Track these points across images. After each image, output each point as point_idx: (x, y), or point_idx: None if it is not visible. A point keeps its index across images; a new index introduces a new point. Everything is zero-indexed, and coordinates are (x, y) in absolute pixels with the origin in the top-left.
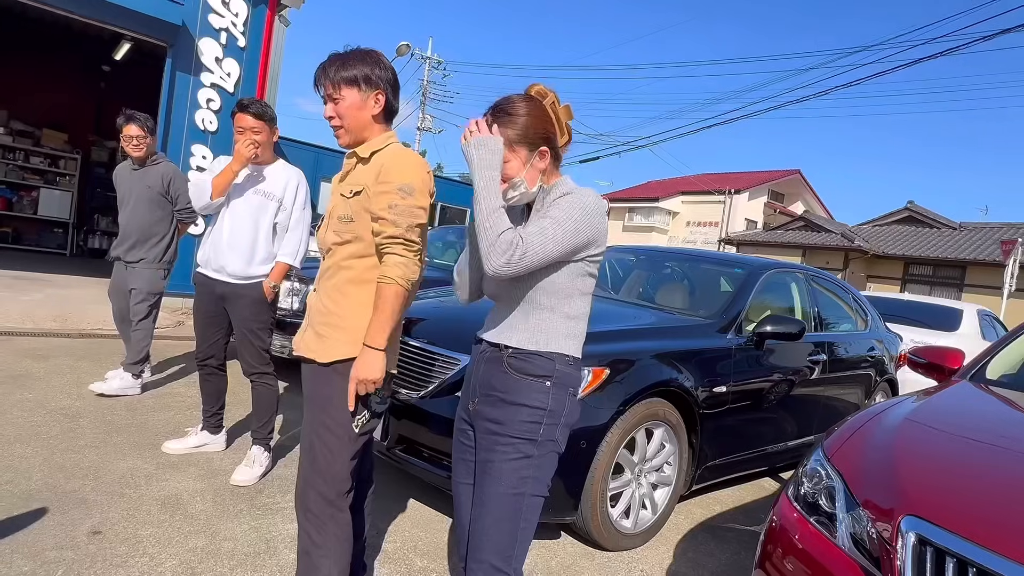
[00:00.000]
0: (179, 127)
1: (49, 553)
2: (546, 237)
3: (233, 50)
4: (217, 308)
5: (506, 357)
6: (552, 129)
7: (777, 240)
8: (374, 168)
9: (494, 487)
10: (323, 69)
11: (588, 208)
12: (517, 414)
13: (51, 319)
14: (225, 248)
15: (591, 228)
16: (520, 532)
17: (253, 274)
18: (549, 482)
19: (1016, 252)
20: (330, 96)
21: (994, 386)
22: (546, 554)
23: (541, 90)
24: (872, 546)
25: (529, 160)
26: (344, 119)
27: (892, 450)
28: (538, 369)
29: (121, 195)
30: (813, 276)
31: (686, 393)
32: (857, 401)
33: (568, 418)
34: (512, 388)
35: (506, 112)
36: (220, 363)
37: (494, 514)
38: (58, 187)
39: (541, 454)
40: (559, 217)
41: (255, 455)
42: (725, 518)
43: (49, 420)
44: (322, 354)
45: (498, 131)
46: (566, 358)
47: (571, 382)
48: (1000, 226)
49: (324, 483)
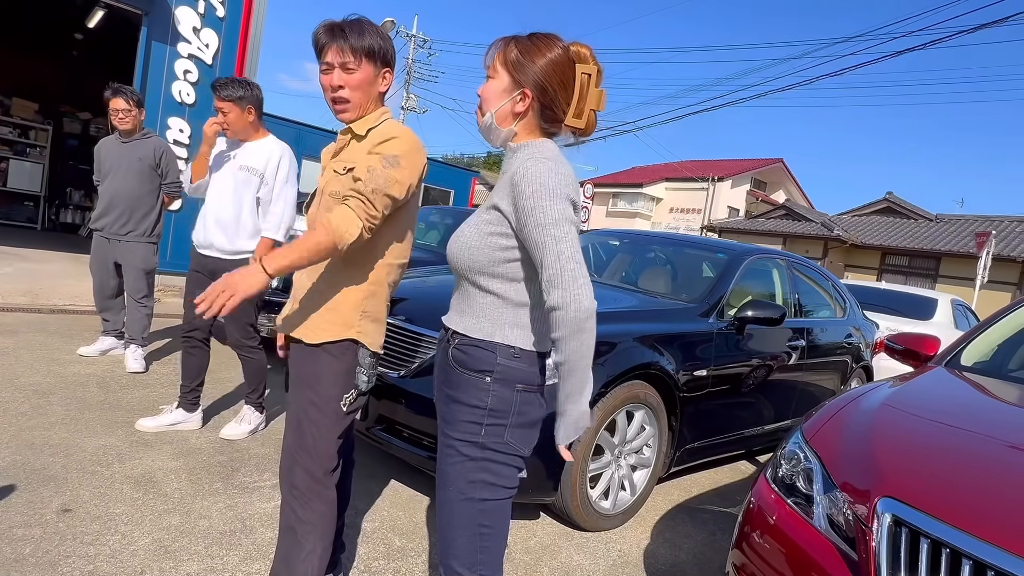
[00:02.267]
0: (155, 99)
1: (17, 531)
2: (563, 259)
3: (212, 20)
4: (208, 281)
5: (451, 348)
6: (559, 90)
7: (758, 228)
8: (369, 143)
9: (443, 491)
10: (338, 33)
11: (556, 190)
12: (459, 413)
13: (20, 294)
14: (212, 224)
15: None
16: (481, 539)
17: (239, 249)
18: (510, 485)
19: (989, 244)
20: (344, 65)
21: (968, 372)
22: (525, 534)
23: (581, 52)
24: (848, 527)
25: (511, 95)
26: (354, 93)
27: (869, 434)
28: (477, 363)
29: (106, 167)
30: (794, 263)
31: (667, 376)
32: (833, 387)
33: (521, 418)
34: (454, 383)
35: (532, 40)
36: (204, 337)
37: (448, 519)
38: (28, 159)
39: (486, 457)
40: (557, 236)
41: (246, 414)
42: (702, 500)
43: (18, 396)
44: (310, 335)
45: (513, 47)
46: (511, 350)
47: (518, 377)
48: (975, 218)
49: (311, 460)
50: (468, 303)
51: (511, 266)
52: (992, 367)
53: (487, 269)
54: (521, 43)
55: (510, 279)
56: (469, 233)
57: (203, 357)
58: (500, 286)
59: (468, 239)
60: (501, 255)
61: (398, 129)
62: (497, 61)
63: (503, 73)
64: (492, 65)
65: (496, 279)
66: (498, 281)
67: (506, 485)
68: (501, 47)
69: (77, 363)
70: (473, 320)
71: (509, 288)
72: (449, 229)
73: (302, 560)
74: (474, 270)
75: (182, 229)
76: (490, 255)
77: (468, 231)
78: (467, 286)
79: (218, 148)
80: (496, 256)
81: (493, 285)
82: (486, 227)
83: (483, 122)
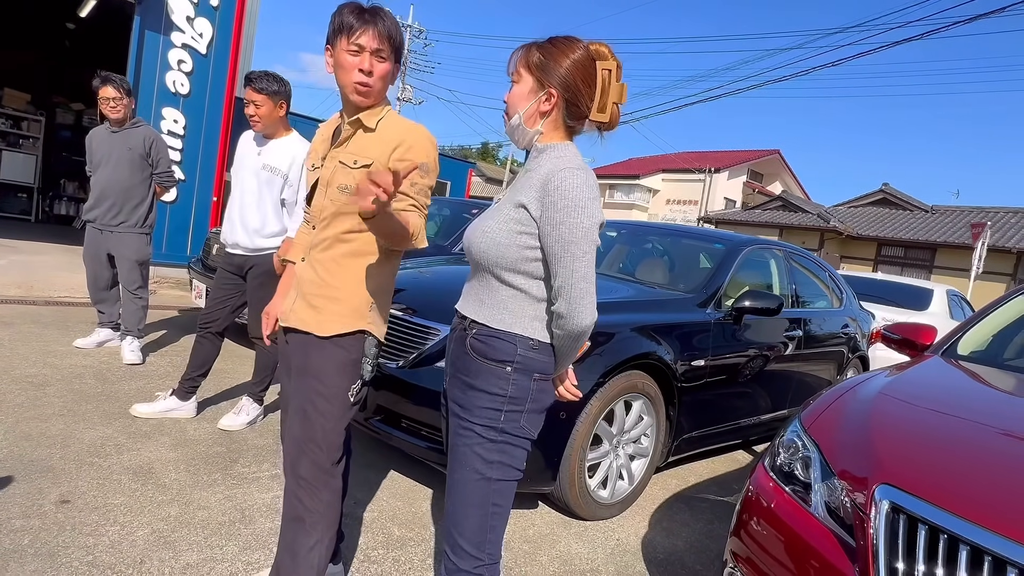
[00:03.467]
0: (148, 89)
1: (15, 522)
2: (576, 277)
3: (205, 9)
4: (235, 278)
5: (469, 337)
6: (583, 87)
7: (755, 220)
8: (387, 141)
9: (459, 471)
10: (373, 18)
11: (586, 208)
12: (478, 399)
13: (15, 286)
14: (237, 222)
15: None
16: (490, 517)
17: (263, 246)
18: (521, 466)
19: (985, 235)
20: (378, 52)
21: (965, 361)
22: (524, 523)
23: (600, 50)
24: (846, 514)
25: (536, 95)
26: (379, 81)
27: (867, 422)
28: (499, 353)
29: (97, 158)
30: (791, 253)
31: (665, 366)
32: (829, 377)
33: (535, 404)
34: (473, 372)
35: (553, 43)
36: (219, 331)
37: (461, 499)
38: (21, 150)
39: (505, 440)
40: (576, 254)
41: (244, 404)
42: (699, 489)
43: (14, 388)
44: (319, 327)
45: (535, 52)
46: (530, 341)
47: (536, 367)
48: (970, 210)
49: (319, 450)
50: (489, 294)
51: (535, 264)
52: (988, 356)
53: (514, 266)
54: (543, 47)
55: (534, 276)
56: (497, 229)
57: (213, 350)
58: (524, 282)
59: (496, 235)
60: (528, 253)
61: (418, 131)
62: (520, 67)
63: (527, 76)
64: (516, 71)
65: (520, 275)
66: (522, 277)
67: (518, 467)
68: (523, 53)
69: (73, 355)
70: (495, 312)
71: (532, 284)
72: (446, 221)
73: (309, 550)
74: (500, 266)
75: (177, 220)
76: (518, 253)
77: (495, 227)
78: (489, 278)
79: (244, 143)
80: (524, 255)
81: (517, 280)
82: (515, 226)
83: (511, 123)
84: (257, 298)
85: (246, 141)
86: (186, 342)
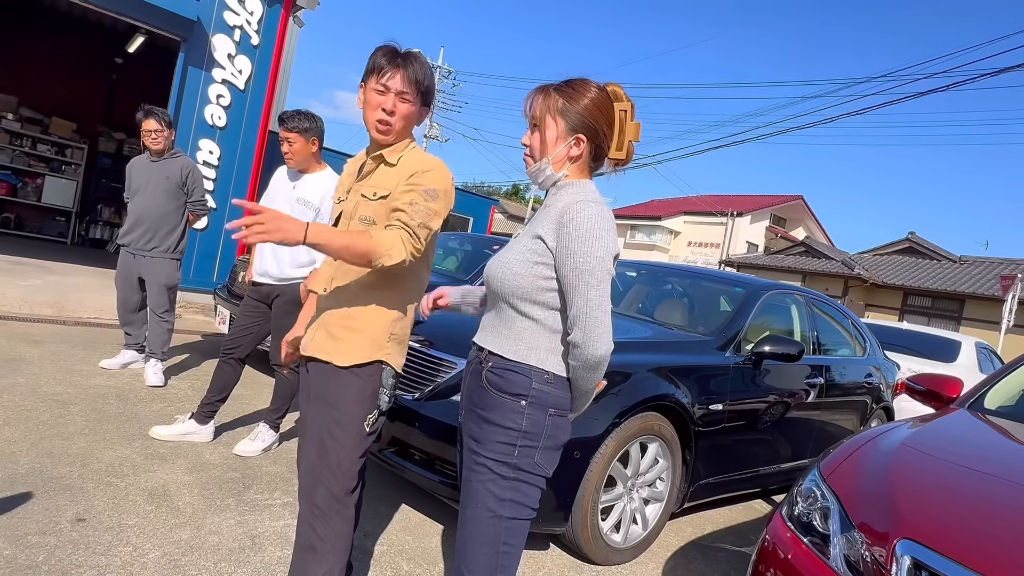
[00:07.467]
0: (188, 121)
1: (32, 538)
2: (591, 306)
3: (246, 47)
4: (261, 306)
5: (485, 371)
6: (605, 128)
7: (778, 264)
8: (402, 171)
9: (471, 508)
10: (404, 63)
11: (601, 239)
12: (492, 434)
13: (48, 305)
14: (268, 252)
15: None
16: (501, 557)
17: (291, 276)
18: (535, 505)
19: (1015, 287)
20: (402, 95)
21: (992, 416)
22: (534, 565)
23: (616, 91)
24: (865, 568)
25: (566, 140)
26: (400, 121)
27: (889, 474)
28: (513, 387)
29: (135, 185)
30: (813, 299)
31: (682, 409)
32: (852, 427)
33: (551, 441)
34: (489, 405)
35: (572, 87)
36: (242, 357)
37: (472, 536)
38: (63, 176)
39: (518, 477)
40: (590, 283)
41: (260, 431)
42: (715, 538)
43: (40, 405)
44: (339, 357)
45: (555, 96)
46: (545, 375)
47: (551, 402)
48: (1000, 261)
49: (335, 479)
50: (506, 326)
51: (551, 295)
52: (1017, 411)
53: (529, 296)
54: (563, 92)
55: (549, 307)
56: (514, 260)
57: (233, 376)
58: (540, 312)
59: (513, 266)
60: (544, 283)
61: (432, 161)
62: (541, 111)
63: (552, 122)
64: (537, 115)
65: (536, 306)
66: (538, 308)
67: (531, 505)
68: (542, 98)
69: (98, 375)
70: (511, 342)
71: (548, 315)
72: (467, 256)
73: None
74: (516, 296)
75: (205, 247)
76: (534, 283)
77: (513, 258)
78: (507, 309)
79: (278, 177)
80: (539, 284)
81: (533, 311)
82: (532, 256)
83: (536, 167)
84: (281, 326)
85: (280, 176)
86: (208, 366)
